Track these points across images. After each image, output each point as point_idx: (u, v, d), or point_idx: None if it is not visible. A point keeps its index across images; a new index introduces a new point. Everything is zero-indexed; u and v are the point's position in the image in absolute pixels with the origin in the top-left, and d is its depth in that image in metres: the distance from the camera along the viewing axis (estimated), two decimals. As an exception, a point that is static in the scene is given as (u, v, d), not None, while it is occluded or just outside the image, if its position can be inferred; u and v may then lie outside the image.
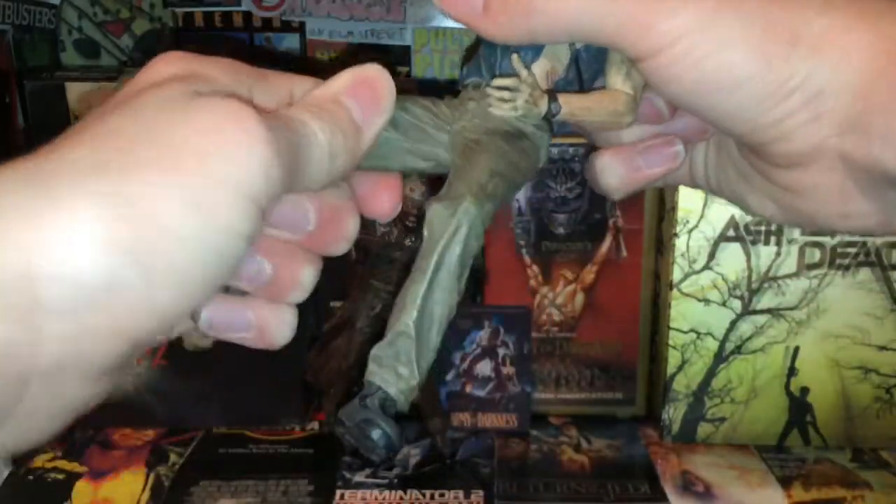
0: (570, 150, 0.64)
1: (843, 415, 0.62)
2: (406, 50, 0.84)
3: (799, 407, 0.62)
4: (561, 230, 0.65)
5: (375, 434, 0.24)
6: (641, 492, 0.57)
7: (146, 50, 0.86)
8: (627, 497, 0.57)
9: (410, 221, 0.63)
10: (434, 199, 0.26)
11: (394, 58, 0.84)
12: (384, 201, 0.28)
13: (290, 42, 0.85)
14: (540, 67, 0.27)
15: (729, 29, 0.24)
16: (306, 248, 0.26)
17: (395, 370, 0.25)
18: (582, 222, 0.65)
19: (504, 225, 0.65)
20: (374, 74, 0.25)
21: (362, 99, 0.25)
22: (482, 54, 0.28)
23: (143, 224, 0.19)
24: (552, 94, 0.27)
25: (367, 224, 0.66)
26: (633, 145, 0.29)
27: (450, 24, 0.83)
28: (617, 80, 0.27)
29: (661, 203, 0.64)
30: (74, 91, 0.68)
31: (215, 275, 0.21)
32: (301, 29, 0.84)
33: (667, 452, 0.62)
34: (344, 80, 0.25)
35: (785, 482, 0.58)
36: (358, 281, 0.63)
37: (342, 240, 0.26)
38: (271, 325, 0.26)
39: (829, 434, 0.62)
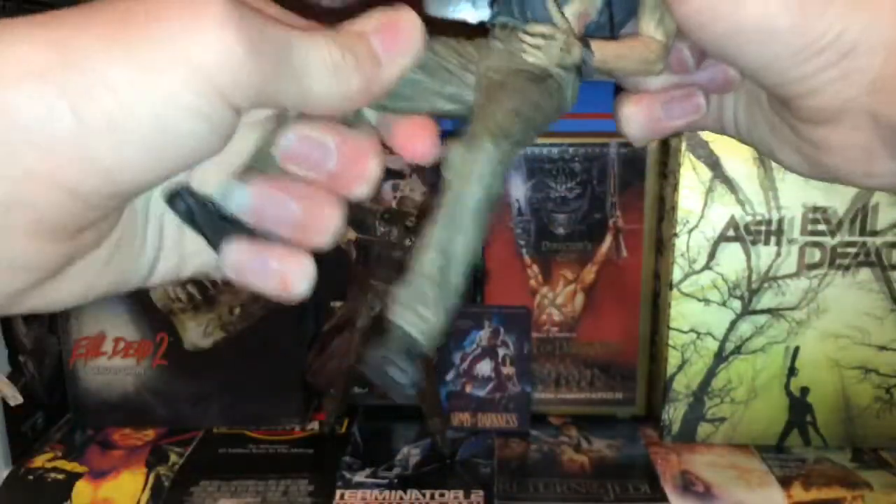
0: (570, 150, 0.64)
1: (843, 415, 0.62)
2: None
3: (799, 407, 0.62)
4: (561, 230, 0.65)
5: (395, 374, 0.24)
6: (641, 492, 0.57)
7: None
8: (627, 497, 0.57)
9: (410, 221, 0.63)
10: (454, 141, 0.25)
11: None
12: (418, 145, 0.27)
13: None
14: (572, 10, 0.27)
15: None
16: (329, 189, 0.26)
17: (416, 311, 0.25)
18: (582, 222, 0.65)
19: (504, 225, 0.65)
20: (404, 16, 0.25)
21: (387, 36, 0.25)
22: None
23: (77, 69, 0.20)
24: (585, 41, 0.27)
25: (367, 224, 0.66)
26: (654, 95, 0.29)
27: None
28: (650, 26, 0.27)
29: (661, 203, 0.64)
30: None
31: (163, 147, 0.21)
32: (301, 29, 0.84)
33: (667, 452, 0.62)
34: (372, 19, 0.25)
35: (785, 482, 0.58)
36: (358, 281, 0.63)
37: (364, 181, 0.26)
38: (294, 274, 0.25)
39: (829, 434, 0.62)
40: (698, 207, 0.59)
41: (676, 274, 0.60)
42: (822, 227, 0.59)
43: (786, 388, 0.62)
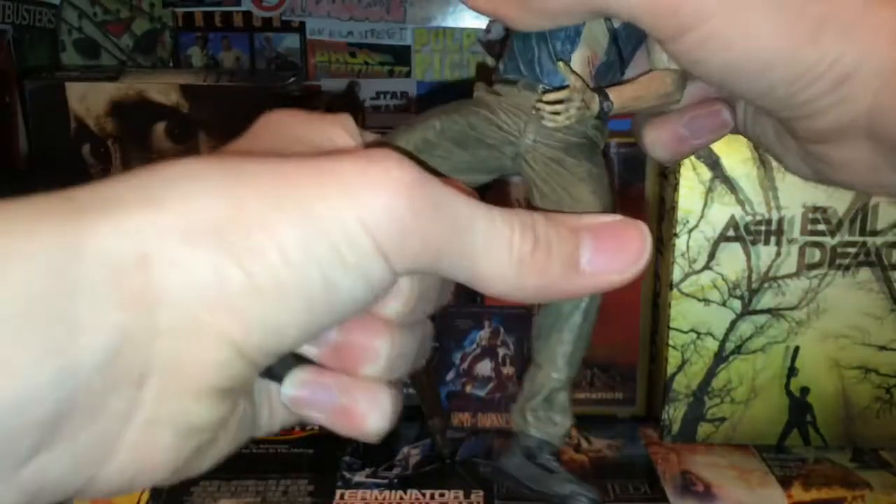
0: (570, 150, 0.63)
1: (843, 415, 0.62)
2: (406, 50, 0.84)
3: (799, 407, 0.62)
4: (561, 230, 0.65)
5: (575, 493, 0.26)
6: (641, 492, 0.57)
7: (146, 50, 0.86)
8: (627, 497, 0.57)
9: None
10: None
11: (394, 58, 0.84)
12: None
13: (290, 42, 0.85)
14: (580, 56, 0.27)
15: (756, 11, 0.24)
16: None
17: (551, 420, 0.27)
18: (582, 222, 0.65)
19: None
20: (633, 231, 0.23)
21: (605, 247, 0.23)
22: (516, 48, 0.27)
23: (249, 228, 0.19)
24: (602, 91, 0.27)
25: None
26: (678, 115, 0.29)
27: (450, 23, 0.83)
28: (662, 57, 0.27)
29: (661, 203, 0.64)
30: (74, 91, 0.68)
31: (325, 305, 0.20)
32: (301, 29, 0.84)
33: (667, 452, 0.62)
34: (595, 218, 0.23)
35: (785, 482, 0.58)
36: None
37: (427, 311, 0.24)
38: (360, 406, 0.23)
39: (829, 434, 0.62)
40: (698, 207, 0.59)
41: (676, 274, 0.60)
42: (822, 226, 0.59)
43: (786, 388, 0.62)
